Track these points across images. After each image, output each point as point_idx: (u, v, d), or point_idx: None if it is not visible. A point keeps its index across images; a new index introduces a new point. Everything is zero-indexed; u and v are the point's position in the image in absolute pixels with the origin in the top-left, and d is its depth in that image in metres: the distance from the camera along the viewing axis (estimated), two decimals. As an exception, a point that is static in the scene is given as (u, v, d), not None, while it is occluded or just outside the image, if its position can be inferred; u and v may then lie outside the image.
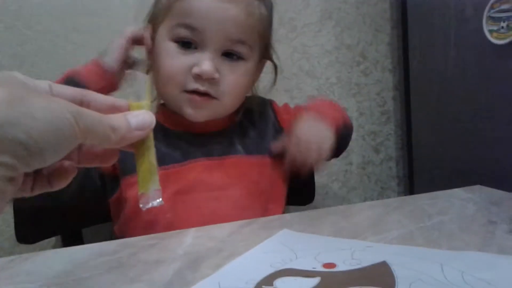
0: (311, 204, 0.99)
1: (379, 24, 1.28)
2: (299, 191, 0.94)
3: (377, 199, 1.33)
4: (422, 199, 0.76)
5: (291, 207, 0.96)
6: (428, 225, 0.60)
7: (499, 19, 0.86)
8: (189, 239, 0.60)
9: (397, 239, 0.55)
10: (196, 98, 0.69)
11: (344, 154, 1.30)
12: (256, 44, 0.72)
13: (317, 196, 1.02)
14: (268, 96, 0.86)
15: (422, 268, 0.46)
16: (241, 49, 0.71)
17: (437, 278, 0.43)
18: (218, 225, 0.65)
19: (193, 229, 0.63)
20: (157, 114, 0.75)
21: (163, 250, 0.55)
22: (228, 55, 0.70)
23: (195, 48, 0.68)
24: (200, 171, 0.72)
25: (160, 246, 0.57)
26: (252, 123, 0.81)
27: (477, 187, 0.78)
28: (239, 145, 0.77)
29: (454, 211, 0.65)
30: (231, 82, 0.70)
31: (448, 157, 1.09)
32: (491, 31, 0.88)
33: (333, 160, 1.28)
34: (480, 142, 0.99)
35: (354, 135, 1.29)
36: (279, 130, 0.82)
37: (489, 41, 0.88)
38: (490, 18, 0.88)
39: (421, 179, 1.22)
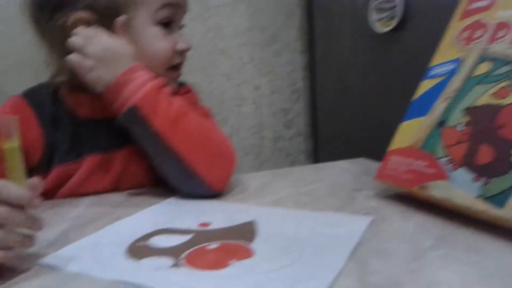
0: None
1: (289, 9, 1.35)
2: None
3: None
4: (308, 170, 0.85)
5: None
6: (302, 191, 0.68)
7: (383, 10, 0.96)
8: (84, 204, 0.64)
9: (272, 202, 0.63)
10: (179, 72, 0.74)
11: (257, 128, 1.38)
12: None
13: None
14: (184, 74, 0.82)
15: (281, 226, 0.53)
16: None
17: (290, 234, 0.51)
18: (115, 192, 0.69)
19: (91, 196, 0.68)
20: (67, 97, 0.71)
21: (54, 214, 0.59)
22: None
23: (170, 26, 0.71)
24: (93, 166, 0.70)
25: (52, 211, 0.61)
26: None
27: (360, 159, 0.88)
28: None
29: (329, 179, 0.74)
30: None
31: (348, 133, 1.20)
32: (376, 20, 0.98)
33: (247, 134, 1.37)
34: (374, 118, 1.09)
35: (265, 111, 1.37)
36: None
37: (375, 29, 0.98)
38: (376, 8, 0.98)
39: (324, 152, 1.33)
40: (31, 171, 0.47)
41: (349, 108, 1.19)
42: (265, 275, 0.41)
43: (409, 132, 0.61)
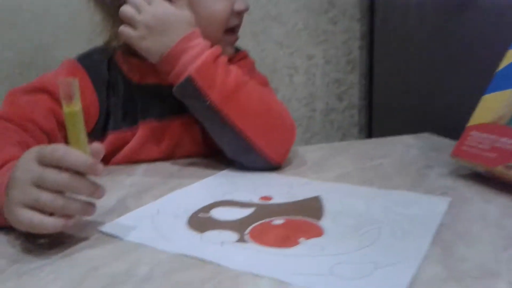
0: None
1: (348, -29, 1.27)
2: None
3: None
4: (369, 144, 0.79)
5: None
6: (367, 166, 0.64)
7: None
8: (139, 172, 0.62)
9: (334, 177, 0.59)
10: (237, 35, 0.71)
11: (308, 100, 1.33)
12: None
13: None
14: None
15: (349, 203, 0.49)
16: None
17: (360, 212, 0.47)
18: (169, 161, 0.67)
19: (144, 164, 0.66)
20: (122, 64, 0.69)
21: (109, 181, 0.57)
22: None
23: None
24: (148, 133, 0.68)
25: (107, 178, 0.59)
26: None
27: (425, 134, 0.82)
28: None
29: (395, 155, 0.69)
30: None
31: (407, 107, 1.13)
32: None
33: (298, 106, 1.32)
34: (436, 93, 1.02)
35: (318, 82, 1.31)
36: None
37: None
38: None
39: (380, 127, 1.27)
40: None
41: (408, 80, 1.11)
42: (341, 256, 0.37)
43: (493, 106, 0.55)
